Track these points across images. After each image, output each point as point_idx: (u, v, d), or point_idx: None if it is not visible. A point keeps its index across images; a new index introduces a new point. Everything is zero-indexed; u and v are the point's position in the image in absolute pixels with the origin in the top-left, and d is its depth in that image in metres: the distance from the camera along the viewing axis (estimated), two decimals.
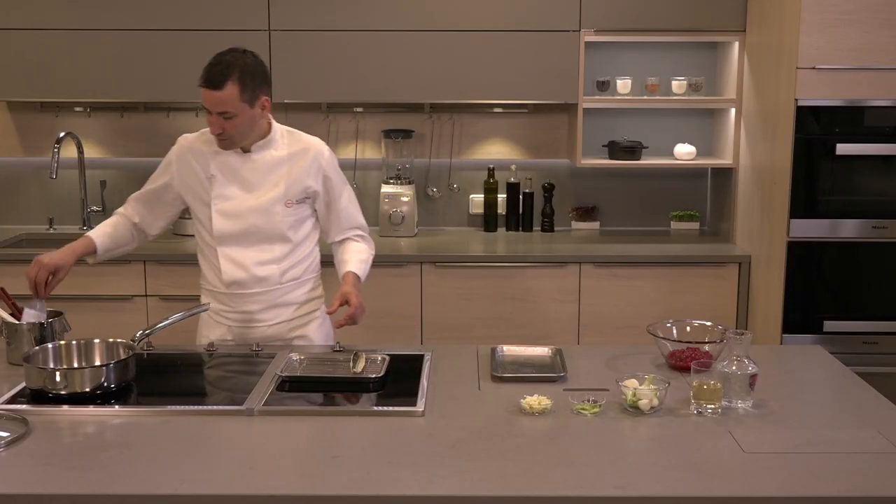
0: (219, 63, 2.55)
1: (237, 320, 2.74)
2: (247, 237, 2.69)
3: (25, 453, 1.92)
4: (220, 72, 2.53)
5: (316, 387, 2.36)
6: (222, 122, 2.56)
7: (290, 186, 2.70)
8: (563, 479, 1.82)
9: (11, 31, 4.05)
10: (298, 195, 2.71)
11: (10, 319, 2.50)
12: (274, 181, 2.69)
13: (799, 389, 2.34)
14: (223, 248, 2.70)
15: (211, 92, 2.53)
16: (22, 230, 4.41)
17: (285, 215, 2.70)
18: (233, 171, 2.68)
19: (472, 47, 4.05)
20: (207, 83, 2.53)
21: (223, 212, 2.68)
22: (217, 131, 2.58)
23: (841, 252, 3.64)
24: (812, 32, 3.44)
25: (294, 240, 2.74)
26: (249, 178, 2.68)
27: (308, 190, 2.72)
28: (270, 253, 2.71)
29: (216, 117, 2.56)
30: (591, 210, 4.51)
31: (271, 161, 2.70)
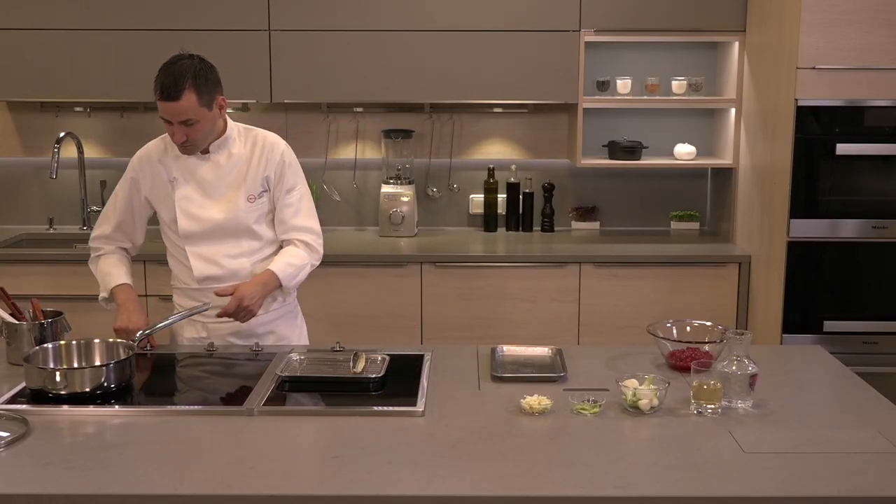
0: (171, 73, 2.56)
1: (210, 317, 2.72)
2: (214, 235, 2.71)
3: (25, 453, 1.92)
4: (174, 82, 2.54)
5: (316, 387, 2.36)
6: (184, 129, 2.58)
7: (251, 181, 2.72)
8: (563, 479, 1.82)
9: (11, 31, 4.05)
10: (259, 189, 2.72)
11: (10, 319, 2.50)
12: (234, 178, 2.72)
13: (799, 389, 2.34)
14: (192, 248, 2.72)
15: (169, 104, 2.55)
16: (22, 230, 4.41)
17: (249, 210, 2.71)
18: (194, 173, 2.71)
19: (472, 47, 4.05)
20: (165, 95, 2.55)
21: (188, 212, 2.70)
22: (181, 139, 2.60)
23: (841, 252, 3.64)
24: (812, 32, 3.44)
25: (262, 235, 2.75)
26: (210, 177, 2.71)
27: (266, 182, 2.74)
28: (239, 248, 2.73)
29: (178, 126, 2.58)
30: (591, 210, 4.51)
31: (230, 159, 2.72)
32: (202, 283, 2.72)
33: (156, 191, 2.75)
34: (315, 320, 3.95)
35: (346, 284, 3.96)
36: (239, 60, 4.05)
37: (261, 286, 2.65)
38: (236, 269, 2.72)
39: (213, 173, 2.71)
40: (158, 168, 2.73)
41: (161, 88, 2.56)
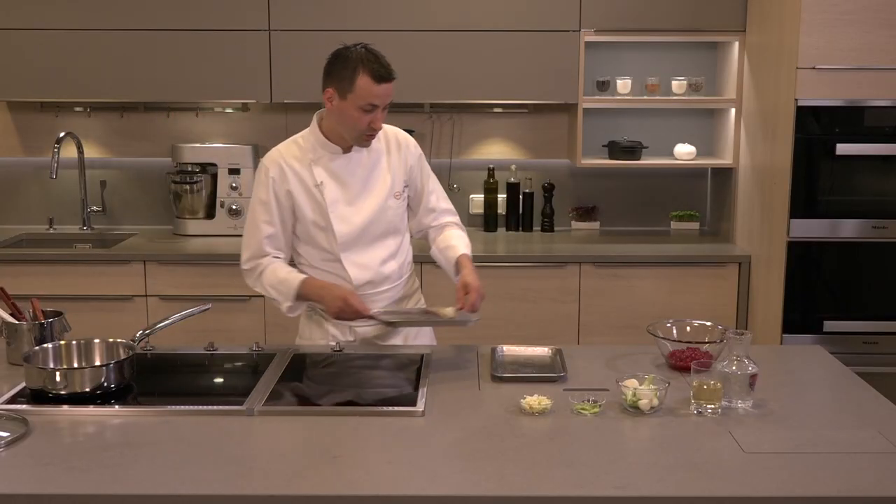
0: (378, 57, 2.52)
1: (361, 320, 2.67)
2: (367, 237, 2.66)
3: (25, 453, 1.92)
4: (387, 65, 2.51)
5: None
6: (383, 115, 2.55)
7: (395, 178, 2.68)
8: (563, 479, 1.82)
9: (11, 31, 4.05)
10: (401, 185, 2.70)
11: (10, 319, 2.50)
12: (380, 176, 2.67)
13: (799, 389, 2.34)
14: (347, 254, 2.64)
15: (385, 85, 2.50)
16: (22, 230, 4.41)
17: (397, 208, 2.69)
18: (339, 175, 2.63)
19: (472, 47, 4.05)
20: (384, 77, 2.49)
21: (343, 217, 2.62)
22: (380, 126, 2.57)
23: (841, 252, 3.64)
24: (812, 32, 3.44)
25: (402, 233, 2.75)
26: (355, 177, 2.64)
27: (406, 179, 2.72)
28: (387, 249, 2.70)
29: (381, 112, 2.53)
30: (591, 210, 4.51)
31: (370, 157, 2.66)
32: (361, 289, 2.65)
33: (301, 196, 2.62)
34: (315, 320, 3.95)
35: None
36: (239, 60, 4.06)
37: (475, 271, 2.63)
38: (388, 273, 2.70)
39: (357, 173, 2.64)
40: (302, 173, 2.62)
41: (378, 71, 2.48)
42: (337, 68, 2.55)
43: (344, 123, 2.57)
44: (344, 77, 2.52)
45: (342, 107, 2.54)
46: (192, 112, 4.44)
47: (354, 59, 2.51)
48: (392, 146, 2.71)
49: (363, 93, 2.49)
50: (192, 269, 3.94)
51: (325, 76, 2.60)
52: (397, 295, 2.75)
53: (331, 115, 2.61)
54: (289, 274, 2.64)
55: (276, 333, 3.95)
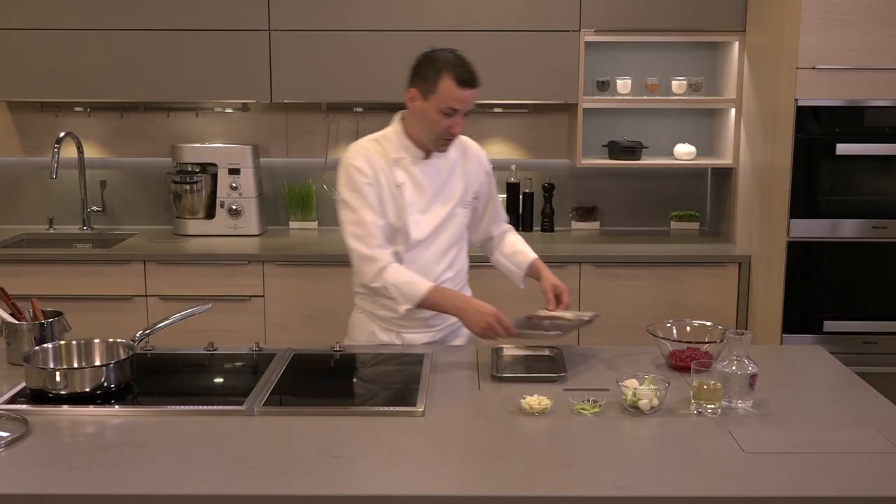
0: (465, 61, 2.53)
1: (409, 326, 2.71)
2: (433, 244, 2.67)
3: (25, 453, 1.92)
4: (473, 70, 2.52)
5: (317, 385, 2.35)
6: (463, 122, 2.56)
7: (466, 188, 2.72)
8: (563, 479, 1.82)
9: (11, 31, 4.05)
10: (470, 196, 2.74)
11: (10, 319, 2.50)
12: (453, 184, 2.70)
13: (799, 389, 2.34)
14: (410, 255, 2.65)
15: (470, 91, 2.52)
16: (22, 230, 4.41)
17: (463, 217, 2.73)
18: (417, 179, 2.64)
19: (471, 47, 4.01)
20: (469, 83, 2.51)
21: (417, 221, 2.64)
22: (460, 130, 2.58)
23: (841, 252, 3.64)
24: (812, 32, 3.44)
25: (462, 242, 2.77)
26: (433, 183, 2.66)
27: (475, 190, 2.76)
28: (449, 256, 2.72)
29: (461, 116, 2.55)
30: (591, 210, 4.51)
31: (447, 164, 2.69)
32: None
33: (384, 193, 2.63)
34: (315, 320, 3.96)
35: (346, 284, 3.93)
36: (239, 60, 4.06)
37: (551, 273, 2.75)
38: (442, 282, 2.68)
39: (434, 178, 2.66)
40: (385, 171, 2.62)
41: (463, 75, 2.50)
42: (423, 69, 2.57)
43: (423, 125, 2.59)
44: (428, 78, 2.54)
45: (423, 108, 2.56)
46: (192, 112, 4.44)
47: (441, 62, 2.53)
48: (467, 155, 2.74)
49: (445, 95, 2.51)
50: (192, 269, 3.94)
51: (410, 76, 2.62)
52: None
53: (412, 116, 2.63)
54: (416, 278, 2.58)
55: (276, 333, 3.95)
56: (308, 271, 3.95)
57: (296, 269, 3.95)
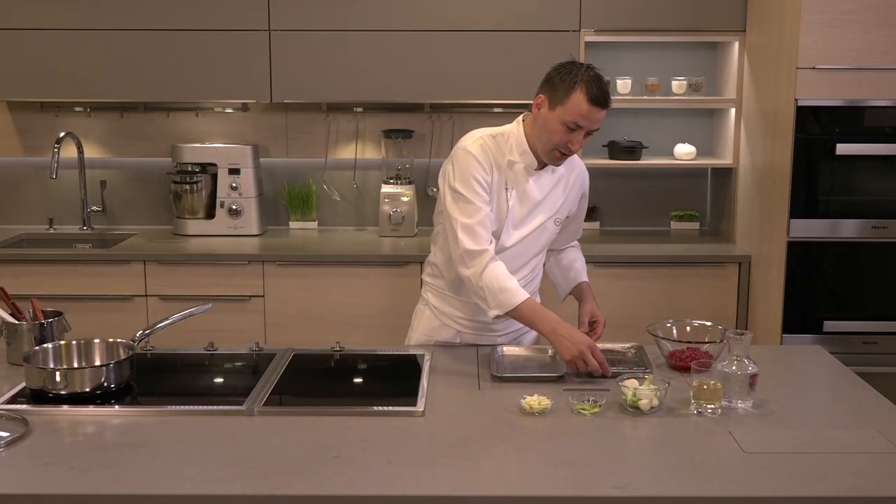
0: (601, 81, 2.46)
1: (470, 327, 2.70)
2: (517, 254, 2.63)
3: (25, 453, 1.92)
4: (607, 91, 2.46)
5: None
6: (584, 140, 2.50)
7: (564, 206, 2.69)
8: (563, 479, 1.82)
9: (11, 31, 4.05)
10: (565, 214, 2.71)
11: (10, 319, 2.50)
12: (553, 200, 2.66)
13: (799, 389, 2.34)
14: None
15: (600, 111, 2.45)
16: (22, 230, 4.41)
17: (553, 232, 2.69)
18: (525, 186, 2.59)
19: (472, 47, 4.05)
20: (601, 102, 2.44)
21: (514, 225, 2.61)
22: (577, 149, 2.50)
23: (841, 252, 3.64)
24: (812, 32, 3.44)
25: (542, 256, 2.74)
26: (536, 195, 2.61)
27: (571, 209, 2.74)
28: (529, 266, 2.69)
29: (583, 135, 2.47)
30: (591, 210, 4.51)
31: (553, 179, 2.65)
32: None
33: (492, 192, 2.57)
34: (315, 320, 3.96)
35: (346, 284, 3.96)
36: (239, 60, 4.06)
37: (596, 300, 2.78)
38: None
39: (539, 189, 2.62)
40: (500, 170, 2.57)
41: (596, 93, 2.42)
42: (557, 77, 2.49)
43: (542, 134, 2.51)
44: (561, 88, 2.46)
45: (548, 116, 2.49)
46: (192, 112, 4.44)
47: (577, 74, 2.46)
48: (571, 175, 2.70)
49: (573, 109, 2.43)
50: (192, 269, 3.94)
51: (543, 82, 2.54)
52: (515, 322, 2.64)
53: (535, 122, 2.55)
54: (514, 285, 2.47)
55: (276, 333, 3.95)
56: (308, 271, 3.95)
57: (296, 269, 3.95)
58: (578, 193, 2.75)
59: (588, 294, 2.78)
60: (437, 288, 2.74)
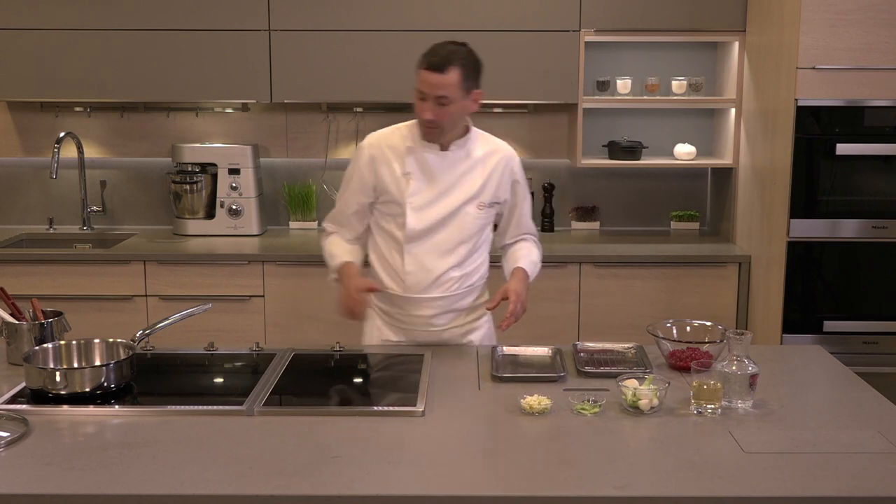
0: (443, 49, 2.53)
1: (412, 324, 2.71)
2: (436, 237, 2.64)
3: (25, 453, 1.92)
4: (445, 56, 2.51)
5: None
6: (436, 108, 2.52)
7: (484, 189, 2.66)
8: (563, 479, 1.82)
9: (11, 31, 4.05)
10: (490, 199, 2.68)
11: (10, 319, 2.50)
12: (469, 182, 2.65)
13: (799, 389, 2.34)
14: (410, 247, 2.64)
15: (434, 75, 2.50)
16: (22, 230, 4.41)
17: (476, 217, 2.66)
18: (429, 169, 2.63)
19: (472, 47, 4.04)
20: (432, 66, 2.50)
21: (418, 209, 2.62)
22: (430, 117, 2.53)
23: (841, 252, 3.64)
24: (812, 32, 3.44)
25: (476, 243, 2.71)
26: (445, 176, 2.63)
27: (499, 195, 2.70)
28: (455, 256, 2.66)
29: (431, 103, 2.52)
30: (591, 210, 4.51)
31: (468, 161, 2.65)
32: (408, 290, 2.66)
33: (386, 181, 2.64)
34: (315, 320, 3.96)
35: None
36: (239, 60, 4.06)
37: (526, 284, 2.67)
38: (444, 280, 2.66)
39: (449, 172, 2.63)
40: (394, 160, 2.64)
41: (429, 60, 2.51)
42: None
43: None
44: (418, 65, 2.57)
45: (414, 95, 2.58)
46: (192, 112, 4.44)
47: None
48: (494, 159, 2.68)
49: (418, 78, 2.54)
50: (192, 269, 3.94)
51: None
52: (450, 304, 2.69)
53: None
54: (339, 251, 2.71)
55: (276, 333, 3.95)
56: (308, 271, 3.95)
57: (296, 269, 3.95)
58: (507, 179, 2.71)
59: (515, 275, 2.68)
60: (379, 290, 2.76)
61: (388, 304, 2.73)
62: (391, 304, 2.72)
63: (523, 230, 2.84)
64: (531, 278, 2.72)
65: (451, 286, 2.68)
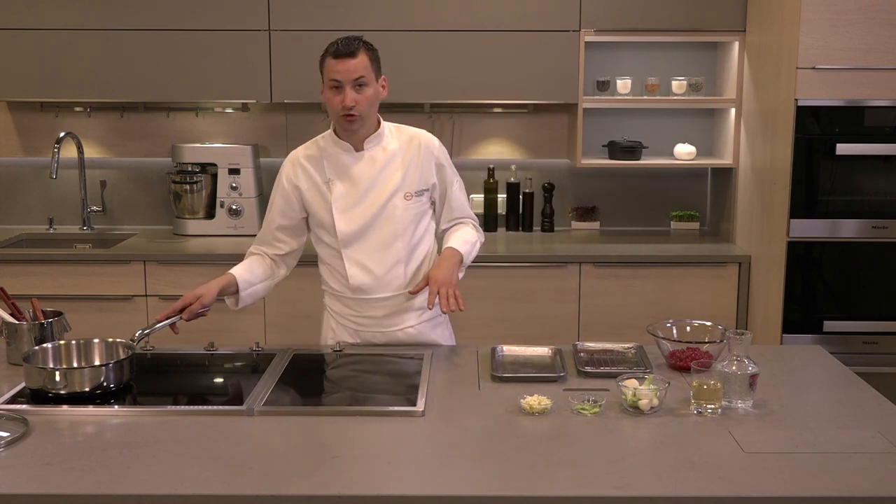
0: (344, 39, 2.55)
1: (363, 325, 2.71)
2: (370, 236, 2.64)
3: (25, 453, 1.92)
4: (349, 42, 2.53)
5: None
6: (355, 94, 2.53)
7: (406, 178, 2.65)
8: (563, 479, 1.82)
9: (11, 31, 4.05)
10: (416, 187, 2.66)
11: (10, 319, 2.50)
12: (390, 175, 2.64)
13: (799, 389, 2.34)
14: (348, 251, 2.65)
15: (345, 60, 2.51)
16: (22, 230, 4.41)
17: (406, 209, 2.65)
18: (348, 171, 2.64)
19: (472, 47, 4.05)
20: (341, 52, 2.51)
21: (345, 211, 2.63)
22: (351, 103, 2.53)
23: (841, 252, 3.64)
24: (812, 32, 3.44)
25: (415, 236, 2.68)
26: (366, 175, 2.63)
27: (425, 181, 2.68)
28: (395, 252, 2.65)
29: (349, 90, 2.52)
30: (591, 210, 4.51)
31: (385, 155, 2.65)
32: (355, 292, 2.67)
33: (311, 193, 2.67)
34: (315, 320, 3.96)
35: None
36: (239, 60, 4.06)
37: (450, 264, 2.60)
38: (391, 279, 2.65)
39: (368, 170, 2.64)
40: (314, 171, 2.67)
41: (336, 49, 2.52)
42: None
43: (329, 111, 2.62)
44: (320, 66, 2.59)
45: (323, 95, 2.60)
46: (192, 112, 4.44)
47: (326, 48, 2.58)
48: (412, 147, 2.68)
49: (327, 71, 2.55)
50: (192, 269, 3.94)
51: None
52: (399, 303, 2.68)
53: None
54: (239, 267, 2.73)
55: (276, 333, 3.95)
56: (308, 271, 3.92)
57: (296, 269, 3.93)
58: (429, 164, 2.69)
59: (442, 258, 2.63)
60: (329, 291, 2.80)
61: (340, 305, 2.74)
62: (343, 305, 2.73)
63: (457, 214, 2.78)
64: (466, 258, 2.67)
65: (398, 285, 2.66)
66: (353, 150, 2.65)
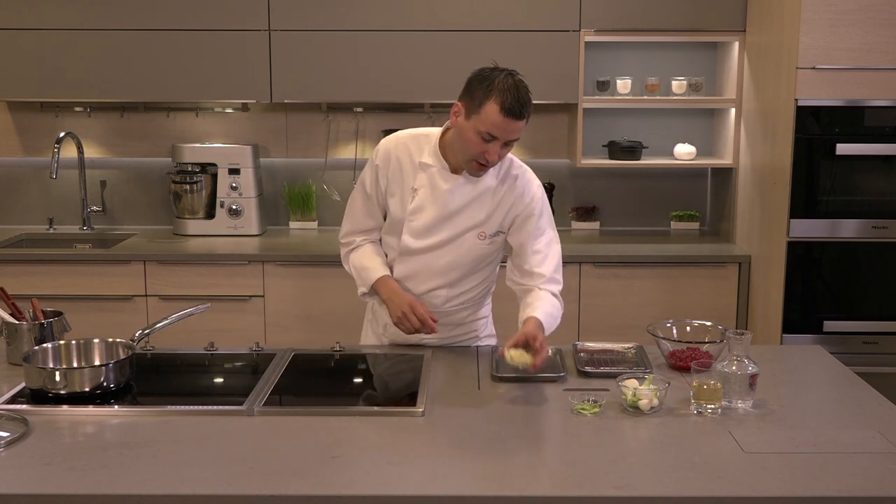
0: (520, 91, 2.38)
1: (396, 333, 2.62)
2: (430, 258, 2.54)
3: (25, 453, 1.92)
4: (524, 103, 2.37)
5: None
6: (502, 151, 2.39)
7: (491, 218, 2.51)
8: (563, 479, 1.82)
9: (11, 31, 4.05)
10: (494, 228, 2.53)
11: (10, 319, 2.50)
12: (475, 210, 2.51)
13: (799, 389, 2.34)
14: (402, 258, 2.56)
15: (515, 122, 2.36)
16: (22, 230, 4.41)
17: (473, 245, 2.53)
18: (437, 191, 2.49)
19: (472, 47, 4.05)
20: (515, 114, 2.34)
21: (415, 230, 2.52)
22: (496, 159, 2.39)
23: (841, 252, 3.64)
24: (812, 32, 3.44)
25: (474, 269, 2.59)
26: (452, 201, 2.49)
27: (505, 224, 2.54)
28: (444, 278, 2.56)
29: (498, 146, 2.37)
30: (591, 210, 4.51)
31: (478, 188, 2.50)
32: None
33: (394, 188, 2.54)
34: (315, 320, 3.96)
35: (346, 284, 3.92)
36: (239, 60, 4.06)
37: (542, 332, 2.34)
38: (431, 300, 2.57)
39: (456, 196, 2.49)
40: (407, 168, 2.52)
41: (510, 106, 2.34)
42: (474, 86, 2.41)
43: (460, 143, 2.43)
44: (476, 97, 2.38)
45: (464, 126, 2.39)
46: (192, 112, 4.44)
47: (493, 84, 2.37)
48: (509, 188, 2.52)
49: (486, 119, 2.34)
50: (192, 269, 3.94)
51: (464, 88, 2.45)
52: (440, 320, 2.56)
53: (454, 129, 2.46)
54: (373, 263, 2.58)
55: (276, 333, 3.95)
56: (308, 271, 3.95)
57: (296, 269, 3.95)
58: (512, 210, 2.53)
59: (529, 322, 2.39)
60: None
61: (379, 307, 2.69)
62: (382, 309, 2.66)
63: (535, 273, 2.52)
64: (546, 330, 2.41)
65: (436, 302, 2.59)
66: (450, 170, 2.50)
